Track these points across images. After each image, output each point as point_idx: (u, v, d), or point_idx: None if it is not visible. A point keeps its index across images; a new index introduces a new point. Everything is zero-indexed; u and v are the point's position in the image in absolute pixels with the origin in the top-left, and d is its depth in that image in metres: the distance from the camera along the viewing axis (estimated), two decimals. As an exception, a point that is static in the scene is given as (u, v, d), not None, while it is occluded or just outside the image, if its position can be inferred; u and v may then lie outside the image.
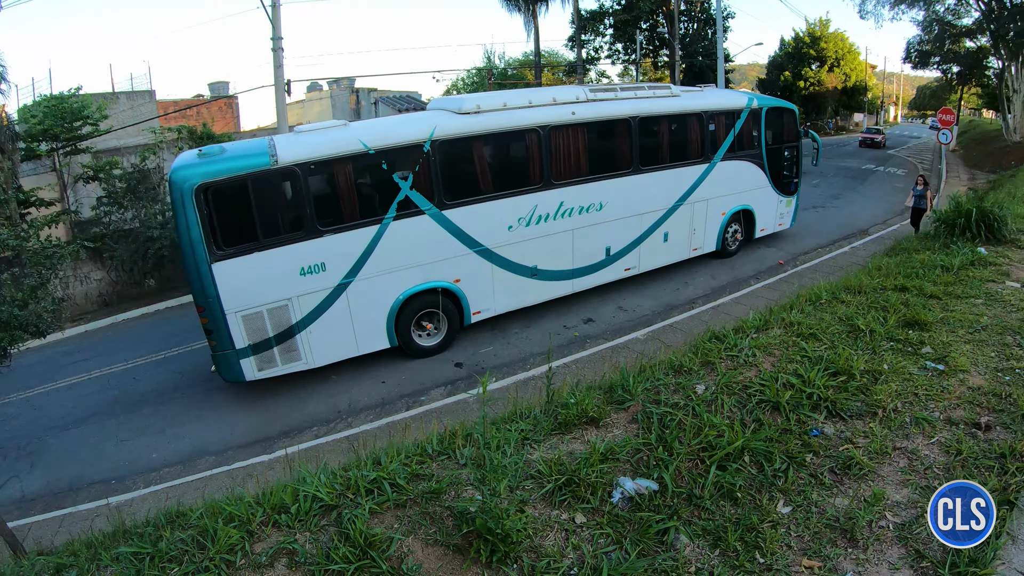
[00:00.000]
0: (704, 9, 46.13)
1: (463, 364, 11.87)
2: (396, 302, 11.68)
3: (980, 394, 5.69)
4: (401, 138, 11.16)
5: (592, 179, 13.19)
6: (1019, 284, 9.11)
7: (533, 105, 12.61)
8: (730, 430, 5.01)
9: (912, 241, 12.34)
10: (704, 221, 15.87)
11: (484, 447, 4.79)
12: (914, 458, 4.83)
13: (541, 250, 13.00)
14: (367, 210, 11.06)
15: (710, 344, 6.92)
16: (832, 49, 64.43)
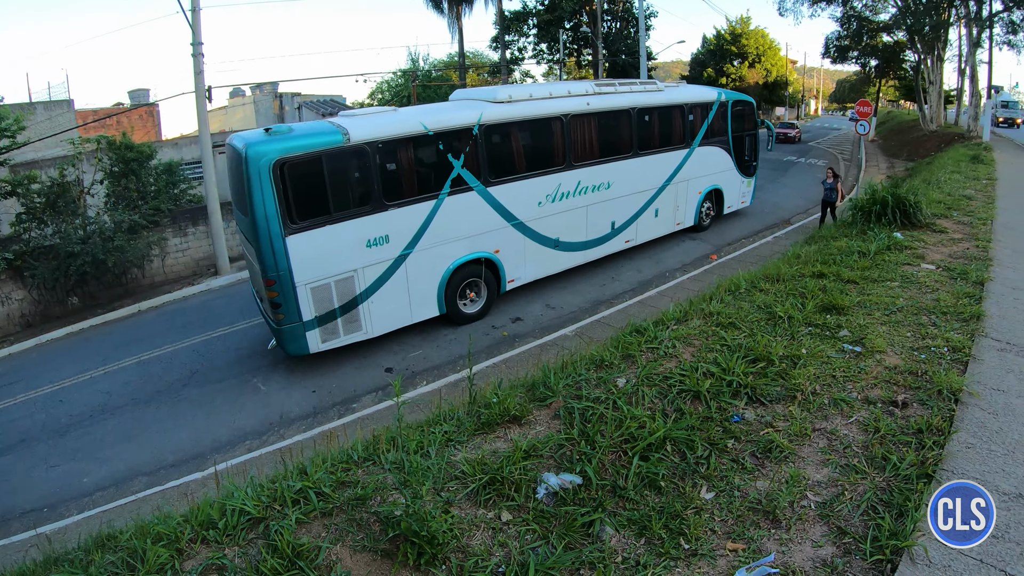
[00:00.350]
0: (626, 8, 48.96)
1: (393, 369, 12.38)
2: (447, 271, 13.30)
3: (896, 373, 6.33)
4: (456, 122, 12.87)
5: (602, 161, 15.69)
6: (934, 266, 9.93)
7: (553, 97, 14.81)
8: (651, 421, 5.37)
9: (830, 229, 13.26)
10: (685, 199, 18.88)
11: (403, 451, 5.00)
12: (833, 438, 5.27)
13: (562, 224, 15.21)
14: (425, 186, 12.58)
15: (631, 338, 7.39)
16: (753, 46, 69.32)
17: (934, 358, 6.67)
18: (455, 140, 12.74)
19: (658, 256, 17.88)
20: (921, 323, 7.59)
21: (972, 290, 8.97)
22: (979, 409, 5.75)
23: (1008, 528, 4.27)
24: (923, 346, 6.95)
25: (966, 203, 15.96)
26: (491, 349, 12.78)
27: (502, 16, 43.92)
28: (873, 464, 4.90)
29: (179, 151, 25.43)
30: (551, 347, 12.03)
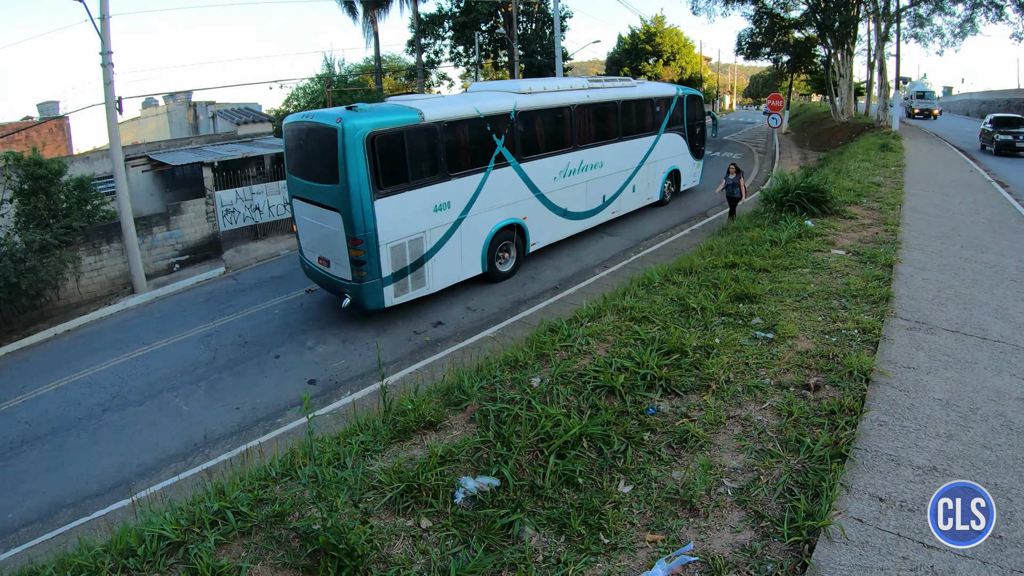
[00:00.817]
0: (542, 9, 50.11)
1: (316, 380, 12.65)
2: (490, 234, 16.13)
3: (808, 357, 6.70)
4: (498, 107, 15.73)
5: (597, 144, 19.17)
6: (843, 251, 10.48)
7: (561, 90, 18.32)
8: (567, 419, 5.51)
9: (743, 220, 13.79)
10: (654, 177, 22.79)
11: (316, 464, 5.04)
12: (748, 424, 5.52)
13: (569, 196, 18.51)
14: (477, 161, 15.38)
15: (545, 337, 7.58)
16: (668, 44, 72.95)
17: (845, 340, 7.08)
18: (498, 123, 15.66)
19: (577, 254, 18.74)
20: (832, 307, 8.07)
21: (881, 273, 9.59)
22: (890, 387, 6.15)
23: (924, 501, 4.57)
24: (834, 329, 7.38)
25: (875, 190, 16.99)
26: (413, 355, 13.18)
27: (418, 19, 44.34)
28: (787, 447, 5.16)
29: (91, 165, 24.75)
30: (472, 349, 12.22)
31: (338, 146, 12.63)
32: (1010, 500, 4.67)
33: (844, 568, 3.98)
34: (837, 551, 4.10)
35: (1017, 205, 18.34)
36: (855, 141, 33.98)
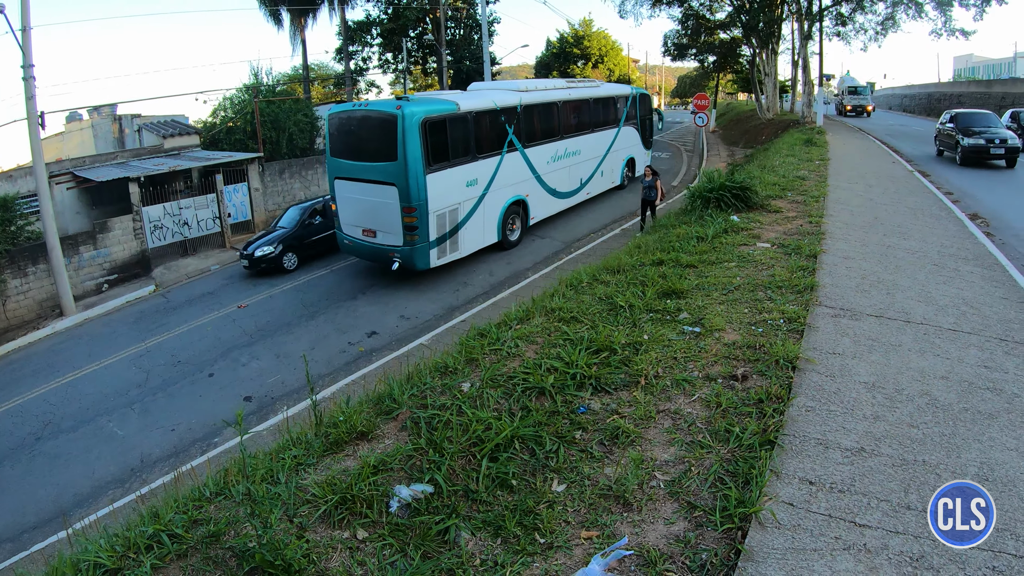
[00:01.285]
0: (470, 15, 50.99)
1: (252, 397, 12.91)
2: (504, 208, 19.76)
3: (735, 348, 6.94)
4: (509, 101, 19.56)
5: (576, 135, 23.34)
6: (769, 244, 10.87)
7: (549, 89, 22.62)
8: (497, 421, 5.59)
9: (670, 217, 13.96)
10: (616, 164, 27.25)
11: (249, 481, 5.05)
12: (678, 417, 5.67)
13: (557, 178, 22.41)
14: (495, 145, 19.07)
15: (474, 341, 7.69)
16: (596, 47, 76.28)
17: (771, 331, 7.35)
18: (509, 114, 19.45)
19: (509, 257, 19.53)
20: (758, 299, 8.38)
21: (806, 263, 9.98)
22: (816, 374, 6.40)
23: (853, 481, 4.78)
24: (760, 320, 7.66)
25: (800, 183, 17.65)
26: (348, 366, 13.58)
27: (346, 26, 44.39)
28: (717, 438, 5.32)
29: (14, 184, 24.18)
30: (409, 358, 12.35)
31: (398, 129, 15.81)
32: (938, 475, 4.90)
33: (777, 552, 4.10)
34: (770, 536, 4.24)
35: (938, 193, 19.20)
36: (780, 137, 35.22)
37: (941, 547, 4.17)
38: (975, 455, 5.20)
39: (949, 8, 39.56)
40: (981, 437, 5.48)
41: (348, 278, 19.63)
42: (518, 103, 19.74)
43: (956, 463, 5.08)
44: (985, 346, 7.55)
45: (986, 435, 5.51)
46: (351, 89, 46.08)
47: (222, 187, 26.27)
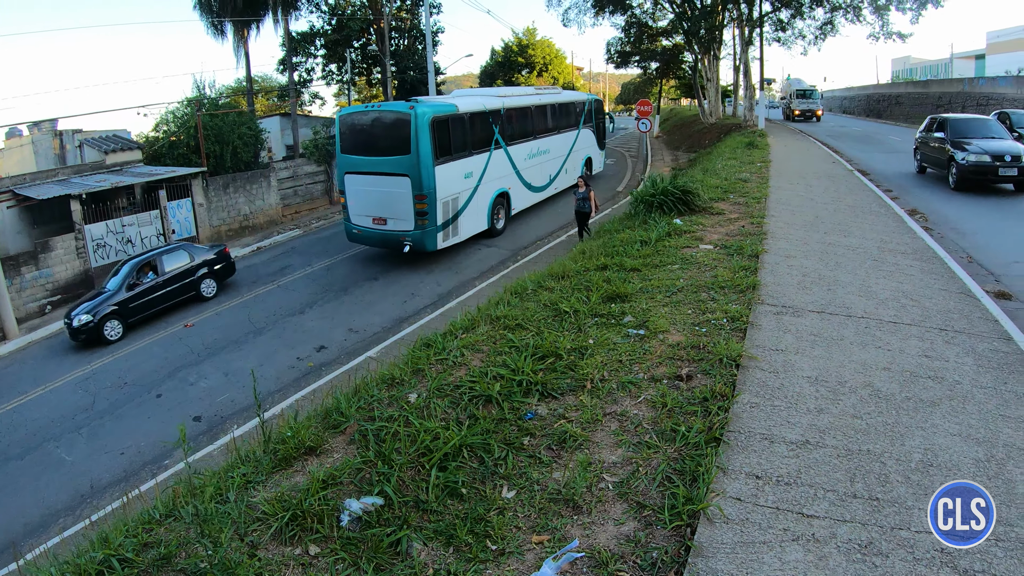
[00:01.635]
0: (414, 25, 51.26)
1: (201, 417, 12.92)
2: (492, 199, 22.61)
3: (680, 349, 7.10)
4: (494, 105, 22.61)
5: (546, 135, 26.63)
6: (712, 246, 11.13)
7: (523, 95, 26.12)
8: (445, 431, 5.63)
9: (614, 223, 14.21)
10: (577, 163, 30.37)
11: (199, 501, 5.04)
12: (624, 419, 5.77)
13: (532, 174, 25.49)
14: (485, 143, 22.00)
15: (420, 352, 7.73)
16: (540, 55, 78.30)
17: (714, 330, 7.53)
18: (495, 116, 22.57)
19: (457, 267, 19.90)
20: (701, 300, 8.58)
21: (748, 263, 10.25)
22: (760, 370, 6.57)
23: (799, 473, 4.92)
24: (704, 320, 7.84)
25: (742, 185, 18.07)
26: (298, 382, 13.72)
27: (289, 37, 44.04)
28: (664, 437, 5.42)
29: None
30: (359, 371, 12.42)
31: (411, 126, 18.49)
32: (883, 463, 5.08)
33: (727, 546, 4.20)
34: (718, 531, 4.34)
35: (878, 191, 19.76)
36: (723, 141, 36.03)
37: (889, 533, 4.31)
38: (919, 442, 5.39)
39: (886, 12, 41.53)
40: (924, 424, 5.68)
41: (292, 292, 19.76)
42: (501, 107, 23.00)
43: (900, 451, 5.26)
44: (925, 336, 7.82)
45: (929, 422, 5.72)
46: (295, 101, 45.67)
47: (165, 203, 25.98)
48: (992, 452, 5.30)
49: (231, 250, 23.18)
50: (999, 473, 5.01)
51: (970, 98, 47.79)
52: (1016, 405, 6.16)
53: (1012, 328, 8.41)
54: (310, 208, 34.69)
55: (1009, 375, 6.85)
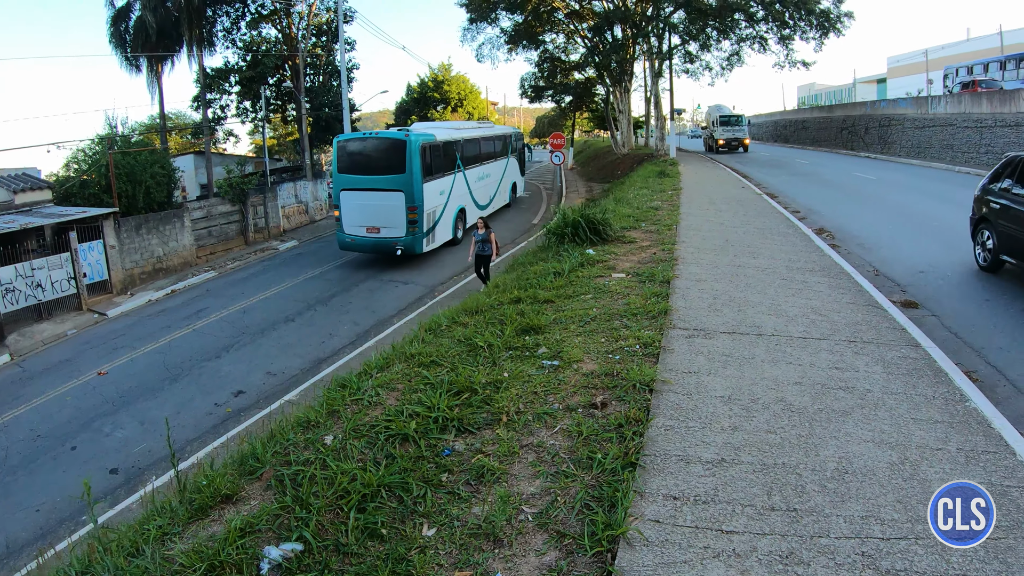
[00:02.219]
0: (329, 61, 51.27)
1: (118, 469, 12.64)
2: (455, 214, 27.24)
3: (594, 377, 7.27)
4: (456, 136, 27.95)
5: (489, 162, 31.85)
6: (624, 274, 11.48)
7: (471, 128, 32.40)
8: (363, 472, 5.62)
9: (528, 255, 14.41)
10: (507, 187, 35.82)
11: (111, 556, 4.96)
12: (541, 450, 5.86)
13: (479, 194, 30.39)
14: (451, 167, 26.60)
15: (335, 393, 7.69)
16: (455, 91, 79.77)
17: (628, 357, 7.74)
18: (457, 145, 27.61)
19: (374, 306, 20.05)
20: (614, 327, 8.81)
21: (660, 289, 10.58)
22: (673, 393, 6.78)
23: (716, 491, 5.09)
24: (617, 348, 8.06)
25: (653, 214, 18.65)
26: (217, 428, 13.50)
27: (204, 73, 43.41)
28: (581, 465, 5.54)
29: None
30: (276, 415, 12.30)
31: (406, 150, 23.08)
32: (799, 475, 5.31)
33: (648, 568, 4.31)
34: (639, 554, 4.44)
35: (786, 212, 20.54)
36: (635, 171, 37.17)
37: (809, 542, 4.50)
38: (833, 451, 5.66)
39: (791, 42, 44.09)
40: (837, 434, 5.97)
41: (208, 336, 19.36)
42: (461, 137, 28.37)
43: (815, 461, 5.51)
44: (835, 349, 8.21)
45: (842, 431, 6.01)
46: (209, 139, 44.94)
47: (76, 245, 25.01)
48: (906, 455, 5.61)
49: (145, 293, 23.55)
50: (914, 475, 5.31)
51: (873, 120, 50.29)
52: (926, 407, 6.56)
53: (919, 335, 8.97)
54: (225, 249, 34.07)
55: (918, 379, 7.28)
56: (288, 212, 38.85)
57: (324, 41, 49.93)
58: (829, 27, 42.14)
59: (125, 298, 25.81)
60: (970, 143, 37.09)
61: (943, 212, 20.79)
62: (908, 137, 43.63)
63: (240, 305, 22.26)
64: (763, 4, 42.66)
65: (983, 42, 67.22)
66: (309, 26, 46.87)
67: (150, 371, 17.08)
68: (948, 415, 6.41)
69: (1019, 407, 7.59)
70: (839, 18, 41.92)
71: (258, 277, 26.20)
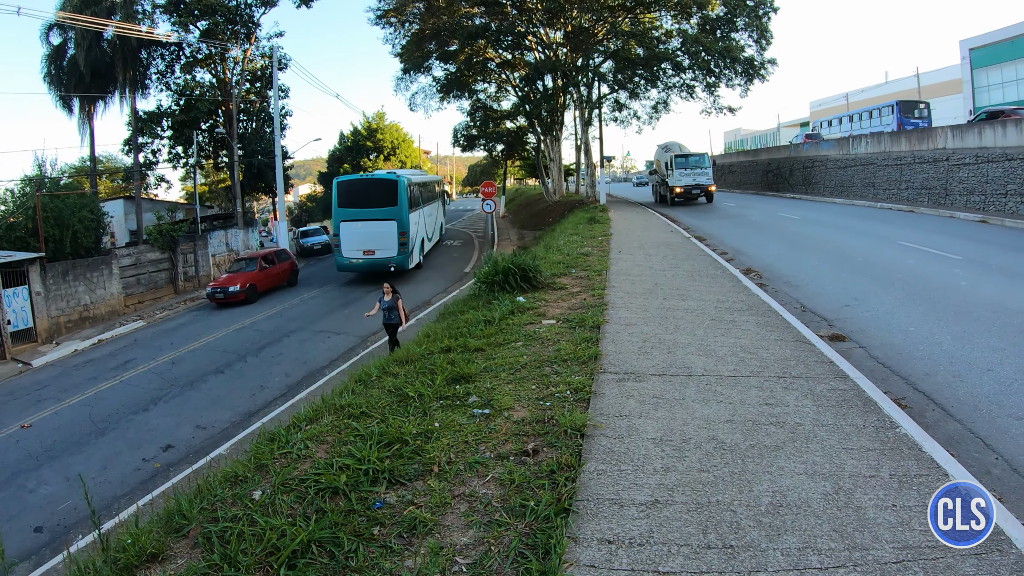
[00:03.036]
0: (263, 108, 51.33)
1: (43, 528, 12.19)
2: (420, 241, 33.85)
3: (525, 425, 7.31)
4: (416, 180, 35.44)
5: (431, 203, 39.27)
6: (554, 320, 11.55)
7: (420, 175, 40.59)
8: (292, 527, 5.52)
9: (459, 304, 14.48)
10: (439, 225, 43.00)
11: None
12: (473, 499, 5.82)
13: (429, 227, 37.40)
14: (419, 204, 34.31)
15: (264, 447, 7.52)
16: (388, 139, 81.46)
17: (559, 403, 7.80)
18: (419, 187, 34.75)
19: (305, 356, 19.81)
20: (545, 374, 8.89)
21: (590, 334, 10.74)
22: (605, 437, 6.83)
23: (651, 533, 5.14)
24: (548, 394, 8.12)
25: (584, 259, 18.96)
26: (145, 484, 13.02)
27: (136, 116, 42.90)
28: (514, 514, 5.52)
29: None
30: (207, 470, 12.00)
31: (397, 187, 29.77)
32: (734, 511, 5.39)
33: (585, 615, 4.31)
34: (575, 600, 4.44)
35: (714, 255, 21.00)
36: (566, 218, 37.78)
37: (745, 577, 4.55)
38: (766, 486, 5.76)
39: (717, 89, 45.84)
40: (770, 468, 6.09)
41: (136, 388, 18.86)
42: (419, 181, 35.27)
43: (749, 497, 5.60)
44: (764, 386, 8.40)
45: (775, 466, 6.13)
46: (139, 183, 44.17)
47: (0, 291, 24.39)
48: (839, 484, 5.75)
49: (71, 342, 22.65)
50: (848, 503, 5.45)
51: (797, 162, 52.03)
52: (857, 437, 6.75)
53: (847, 367, 9.23)
54: (154, 298, 33.54)
55: (848, 410, 7.50)
56: (219, 261, 38.56)
57: (258, 87, 50.11)
58: (754, 74, 44.05)
59: (51, 347, 25.18)
60: (890, 180, 38.87)
61: (866, 247, 21.74)
62: (831, 177, 45.38)
63: (169, 356, 21.78)
64: (689, 53, 44.17)
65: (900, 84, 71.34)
66: (244, 72, 47.13)
67: (76, 424, 16.54)
68: (879, 442, 6.61)
69: (948, 430, 7.87)
70: (763, 65, 43.92)
71: (188, 327, 25.70)
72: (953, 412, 8.43)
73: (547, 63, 48.01)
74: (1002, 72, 49.09)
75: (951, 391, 9.11)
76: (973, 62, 51.42)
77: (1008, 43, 47.85)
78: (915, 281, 15.91)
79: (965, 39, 52.70)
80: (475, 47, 49.11)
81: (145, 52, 42.68)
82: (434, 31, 46.19)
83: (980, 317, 12.45)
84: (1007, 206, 29.01)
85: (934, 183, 34.81)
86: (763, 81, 44.34)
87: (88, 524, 11.52)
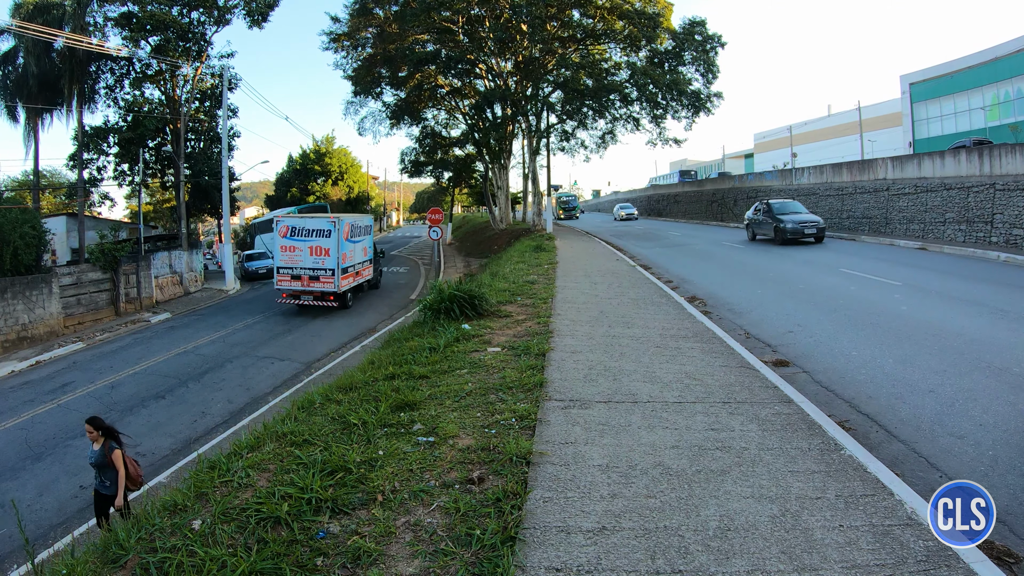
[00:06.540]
0: (211, 127, 51.02)
1: None
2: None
3: (470, 452, 7.24)
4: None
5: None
6: (499, 348, 11.65)
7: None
8: (232, 558, 5.37)
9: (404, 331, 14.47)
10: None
11: None
12: (418, 528, 5.74)
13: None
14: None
15: (204, 475, 7.34)
16: (337, 164, 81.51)
17: (504, 431, 7.77)
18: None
19: (248, 383, 19.59)
20: (490, 402, 8.86)
21: (535, 362, 10.76)
22: (551, 465, 6.82)
23: (599, 560, 5.10)
24: (493, 422, 8.08)
25: (529, 287, 19.05)
26: (83, 512, 12.60)
27: (82, 131, 42.07)
28: (459, 543, 5.44)
29: None
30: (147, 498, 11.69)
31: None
32: (682, 536, 5.40)
33: (531, 644, 4.27)
34: (525, 631, 4.40)
35: (659, 283, 21.28)
36: (513, 246, 37.94)
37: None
38: (714, 510, 5.80)
39: (663, 120, 47.12)
40: (717, 492, 6.13)
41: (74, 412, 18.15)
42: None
43: (697, 521, 5.62)
44: (710, 411, 8.50)
45: (722, 490, 6.18)
46: (83, 200, 43.20)
47: None
48: (786, 507, 5.82)
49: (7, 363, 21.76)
50: (795, 525, 5.51)
51: (741, 192, 53.27)
52: (803, 459, 6.85)
53: (791, 391, 9.42)
54: (94, 319, 32.47)
55: (793, 433, 7.63)
56: (162, 283, 37.90)
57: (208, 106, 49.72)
58: (700, 107, 45.28)
59: (-13, 367, 24.18)
60: (832, 209, 40.15)
61: (808, 274, 22.38)
62: (775, 207, 46.38)
63: (108, 380, 21.21)
64: (638, 86, 45.13)
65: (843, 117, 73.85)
66: (193, 90, 46.75)
67: (10, 448, 15.99)
68: (824, 464, 6.73)
69: (893, 450, 8.04)
70: (709, 98, 45.18)
71: (128, 350, 25.12)
72: (896, 433, 8.62)
73: (497, 92, 48.58)
74: (940, 106, 51.53)
75: (894, 413, 9.32)
76: (913, 96, 53.91)
77: (947, 78, 50.39)
78: (856, 307, 16.35)
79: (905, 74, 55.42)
80: (425, 73, 49.70)
81: (95, 65, 42.26)
82: (385, 56, 46.49)
83: (920, 340, 12.83)
84: (945, 233, 30.29)
85: (875, 212, 36.15)
86: (709, 114, 45.73)
87: (22, 555, 11.14)
